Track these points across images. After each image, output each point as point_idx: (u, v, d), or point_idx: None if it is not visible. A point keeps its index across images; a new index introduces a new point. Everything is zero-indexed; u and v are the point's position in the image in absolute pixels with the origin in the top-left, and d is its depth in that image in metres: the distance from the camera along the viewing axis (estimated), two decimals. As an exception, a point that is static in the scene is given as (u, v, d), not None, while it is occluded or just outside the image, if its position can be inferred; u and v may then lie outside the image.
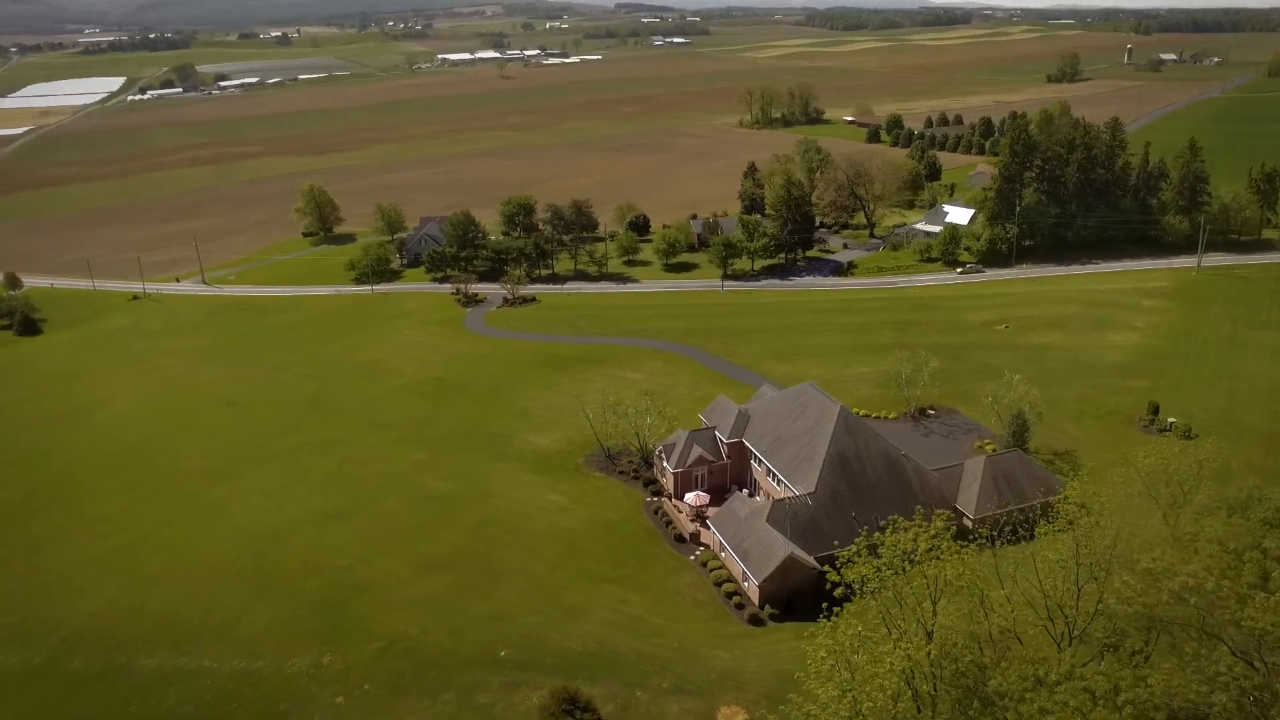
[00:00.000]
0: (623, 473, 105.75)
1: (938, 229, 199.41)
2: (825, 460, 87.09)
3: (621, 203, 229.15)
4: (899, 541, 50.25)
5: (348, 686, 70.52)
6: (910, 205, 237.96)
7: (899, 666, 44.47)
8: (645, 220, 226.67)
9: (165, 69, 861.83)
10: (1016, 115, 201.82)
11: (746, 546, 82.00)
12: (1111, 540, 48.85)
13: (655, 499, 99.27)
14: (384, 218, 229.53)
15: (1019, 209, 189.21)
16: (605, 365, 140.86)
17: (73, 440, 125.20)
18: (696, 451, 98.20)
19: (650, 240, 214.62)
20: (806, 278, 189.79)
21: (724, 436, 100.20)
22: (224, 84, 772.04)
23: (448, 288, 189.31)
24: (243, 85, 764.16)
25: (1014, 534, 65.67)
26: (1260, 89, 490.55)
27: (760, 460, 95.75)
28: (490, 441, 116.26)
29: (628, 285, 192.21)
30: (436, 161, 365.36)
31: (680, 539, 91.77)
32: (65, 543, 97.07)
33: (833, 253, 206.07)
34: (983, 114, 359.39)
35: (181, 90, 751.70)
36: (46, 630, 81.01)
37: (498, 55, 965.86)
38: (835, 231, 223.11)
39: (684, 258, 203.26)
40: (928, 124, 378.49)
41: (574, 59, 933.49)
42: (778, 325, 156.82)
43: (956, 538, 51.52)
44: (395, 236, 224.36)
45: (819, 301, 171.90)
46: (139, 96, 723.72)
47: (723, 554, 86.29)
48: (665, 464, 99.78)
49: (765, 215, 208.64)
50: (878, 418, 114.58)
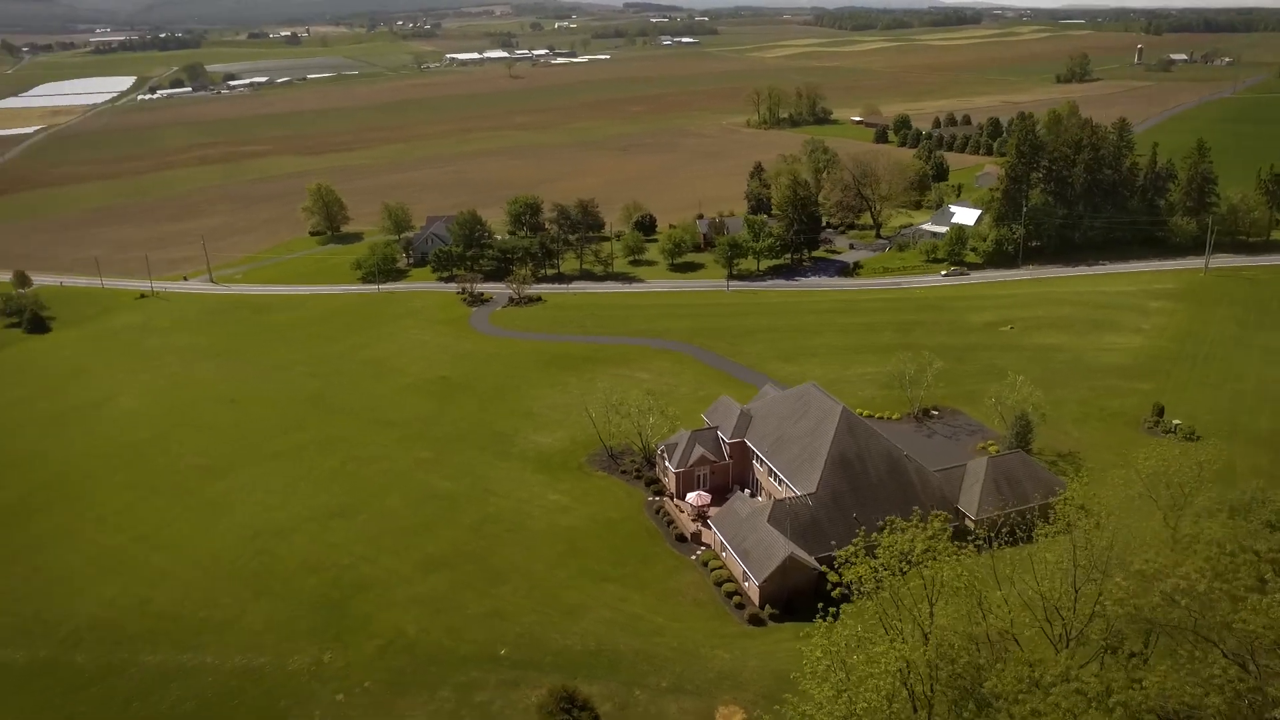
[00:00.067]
0: (625, 472, 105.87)
1: (944, 229, 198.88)
2: (827, 460, 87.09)
3: (628, 202, 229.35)
4: (895, 542, 50.26)
5: (348, 684, 70.92)
6: (917, 206, 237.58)
7: (893, 667, 44.52)
8: (651, 220, 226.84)
9: (175, 68, 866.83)
10: (1024, 115, 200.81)
11: (747, 546, 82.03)
12: (1108, 542, 48.71)
13: (657, 498, 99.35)
14: (391, 217, 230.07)
15: (1025, 210, 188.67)
16: (610, 365, 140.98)
17: (77, 438, 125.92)
18: (699, 451, 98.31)
19: (656, 240, 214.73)
20: (812, 278, 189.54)
21: (726, 436, 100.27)
22: (233, 83, 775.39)
23: (454, 287, 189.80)
24: (252, 85, 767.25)
25: (1012, 535, 65.53)
26: (1272, 89, 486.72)
27: (762, 460, 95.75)
28: (494, 440, 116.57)
29: (633, 285, 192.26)
30: (444, 161, 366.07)
31: (681, 538, 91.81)
32: (68, 540, 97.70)
33: (838, 253, 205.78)
34: (991, 114, 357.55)
35: (191, 89, 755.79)
36: (51, 627, 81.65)
37: (506, 55, 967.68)
38: (841, 232, 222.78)
39: (690, 257, 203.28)
40: (935, 124, 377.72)
41: (582, 59, 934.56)
42: (782, 325, 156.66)
43: (957, 539, 51.50)
44: (402, 236, 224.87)
45: (824, 302, 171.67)
46: (149, 96, 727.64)
47: (723, 554, 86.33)
48: (667, 463, 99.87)
49: (771, 215, 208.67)
50: (881, 418, 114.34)
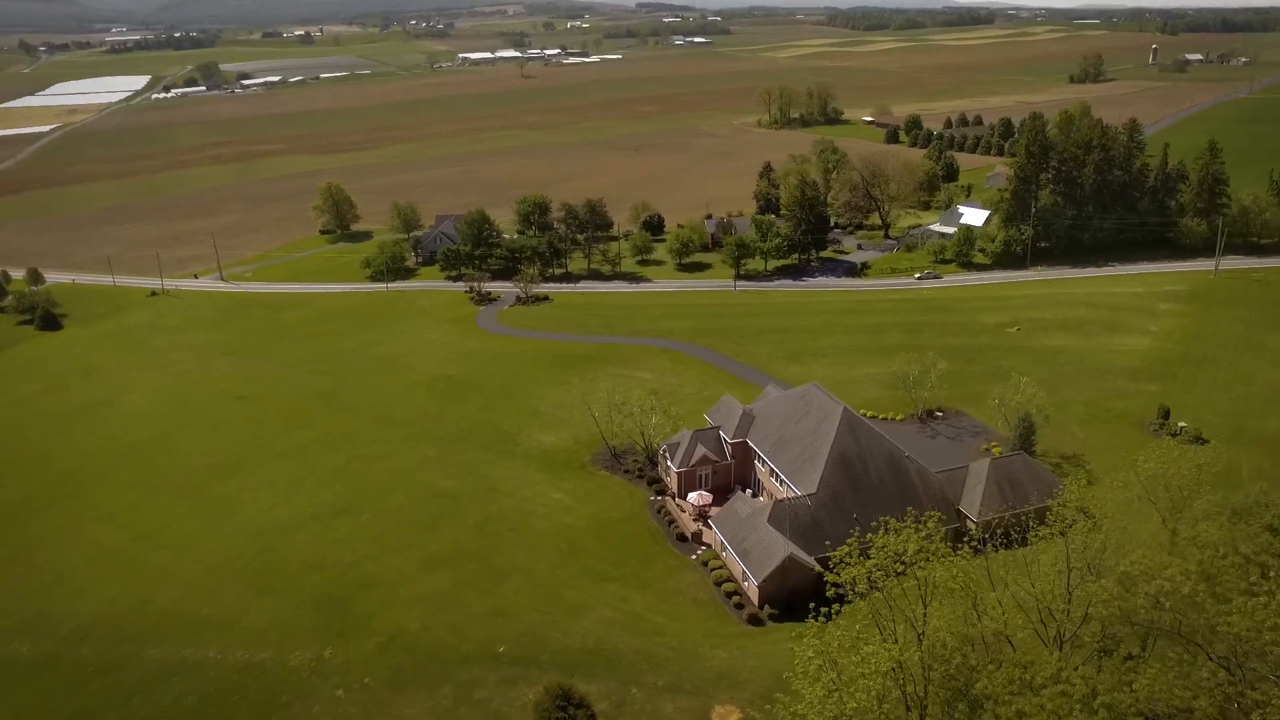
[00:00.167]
0: (628, 472, 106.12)
1: (952, 230, 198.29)
2: (827, 461, 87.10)
3: (637, 202, 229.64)
4: (889, 543, 50.36)
5: (348, 680, 71.45)
6: (926, 206, 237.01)
7: (884, 668, 44.64)
8: (660, 220, 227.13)
9: (189, 68, 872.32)
10: (1035, 116, 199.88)
11: (747, 546, 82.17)
12: (1101, 544, 48.66)
13: (659, 498, 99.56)
14: (400, 216, 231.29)
15: (1034, 210, 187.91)
16: (615, 364, 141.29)
17: (86, 435, 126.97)
18: (700, 451, 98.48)
19: (664, 240, 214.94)
20: (819, 278, 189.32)
21: (728, 436, 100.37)
22: (246, 83, 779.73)
23: (461, 286, 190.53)
24: (265, 84, 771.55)
25: (1007, 537, 65.45)
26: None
27: (764, 460, 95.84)
28: (499, 439, 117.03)
29: (640, 285, 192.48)
30: (456, 160, 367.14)
31: (682, 538, 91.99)
32: (75, 537, 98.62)
33: (846, 253, 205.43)
34: (1003, 115, 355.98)
35: (205, 89, 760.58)
36: (54, 624, 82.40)
37: (518, 54, 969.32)
38: (850, 232, 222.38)
39: (697, 257, 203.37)
40: (947, 124, 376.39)
41: (594, 58, 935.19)
42: (789, 326, 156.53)
43: (956, 539, 51.54)
44: (411, 235, 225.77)
45: (831, 302, 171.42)
46: (163, 95, 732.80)
47: (724, 553, 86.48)
48: (669, 463, 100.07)
49: (780, 215, 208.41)
50: (885, 419, 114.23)
